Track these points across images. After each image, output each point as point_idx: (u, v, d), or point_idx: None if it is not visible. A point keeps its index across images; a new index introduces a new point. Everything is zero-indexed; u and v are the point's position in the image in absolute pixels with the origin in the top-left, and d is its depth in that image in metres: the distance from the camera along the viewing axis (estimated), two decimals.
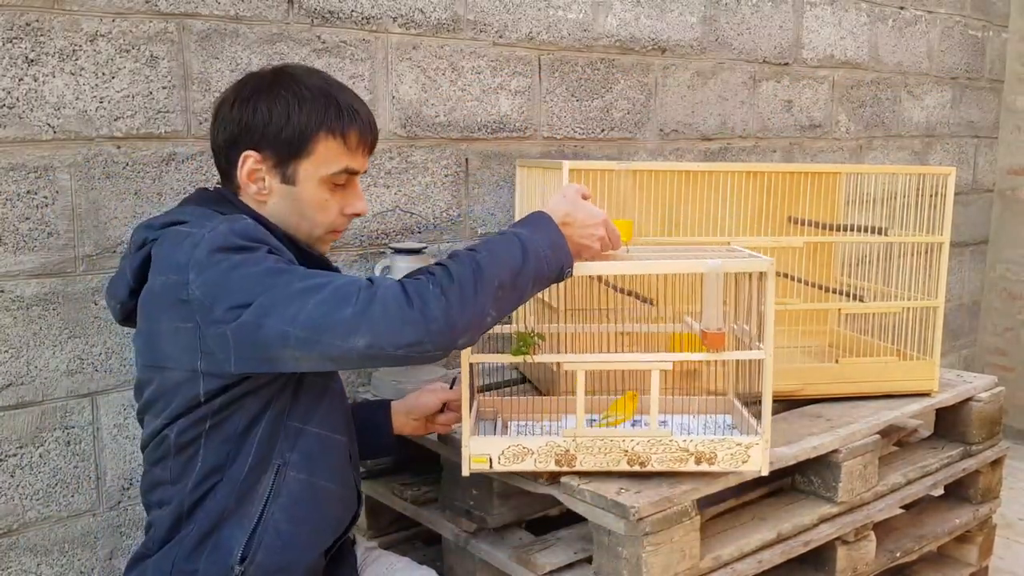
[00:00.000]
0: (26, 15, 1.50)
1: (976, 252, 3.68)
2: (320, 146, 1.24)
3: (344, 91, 1.29)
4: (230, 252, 1.12)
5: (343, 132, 1.25)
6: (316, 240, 1.31)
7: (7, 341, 1.55)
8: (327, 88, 1.27)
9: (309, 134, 1.23)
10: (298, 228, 1.29)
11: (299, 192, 1.26)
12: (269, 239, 1.17)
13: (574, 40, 2.26)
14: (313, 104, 1.24)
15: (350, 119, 1.25)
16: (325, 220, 1.29)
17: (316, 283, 1.10)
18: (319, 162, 1.25)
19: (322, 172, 1.26)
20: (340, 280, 1.11)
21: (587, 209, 1.29)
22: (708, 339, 1.40)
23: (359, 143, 1.27)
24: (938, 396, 1.93)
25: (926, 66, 3.26)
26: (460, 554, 1.61)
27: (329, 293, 1.08)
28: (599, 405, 1.61)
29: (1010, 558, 2.57)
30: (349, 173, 1.28)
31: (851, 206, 2.03)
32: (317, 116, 1.24)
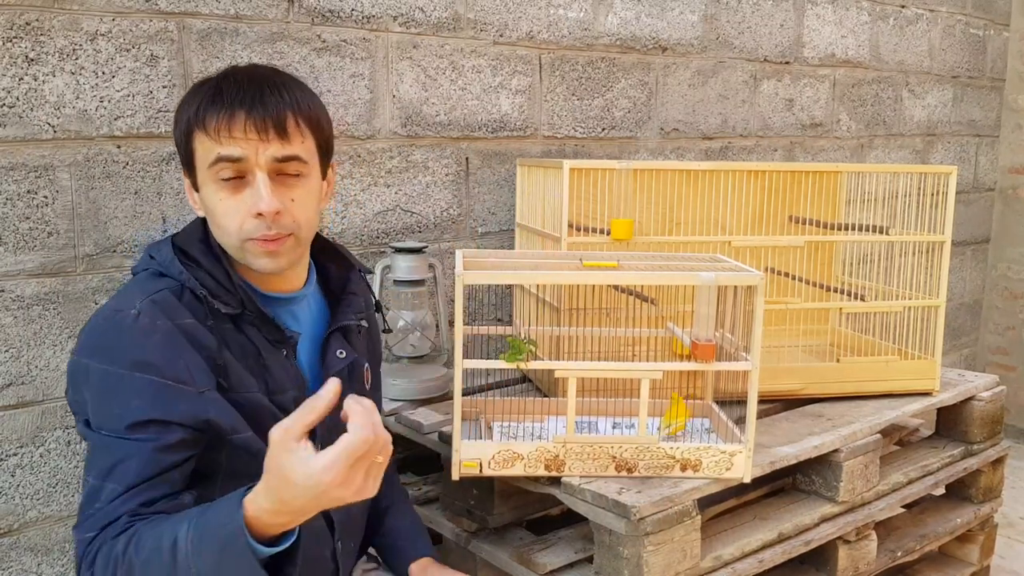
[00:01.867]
0: (26, 14, 1.50)
1: (977, 251, 3.68)
2: (196, 144, 1.14)
3: (231, 80, 1.14)
4: (80, 381, 1.12)
5: (203, 121, 1.12)
6: (240, 252, 1.16)
7: (7, 341, 1.55)
8: (211, 81, 1.16)
9: (186, 134, 1.15)
10: (223, 242, 1.17)
11: (204, 198, 1.16)
12: (118, 341, 1.09)
13: (575, 39, 2.26)
14: (187, 102, 1.16)
15: (207, 106, 1.12)
16: (231, 225, 1.13)
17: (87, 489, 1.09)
18: (200, 161, 1.14)
19: (203, 168, 1.14)
20: (89, 505, 1.08)
21: (299, 484, 0.94)
22: (698, 350, 1.45)
23: (219, 127, 1.11)
24: (939, 395, 1.92)
25: (927, 65, 3.26)
26: (461, 554, 1.61)
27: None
28: (589, 408, 1.62)
29: (1012, 557, 2.57)
30: (227, 162, 1.11)
31: (852, 205, 2.03)
32: (187, 115, 1.15)
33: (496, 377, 1.91)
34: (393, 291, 1.80)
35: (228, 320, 1.16)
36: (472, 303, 2.13)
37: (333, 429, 1.20)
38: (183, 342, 1.10)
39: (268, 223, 1.12)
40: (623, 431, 1.57)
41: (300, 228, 1.17)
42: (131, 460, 1.08)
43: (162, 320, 1.10)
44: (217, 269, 1.17)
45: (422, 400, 1.80)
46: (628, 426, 1.59)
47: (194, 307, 1.14)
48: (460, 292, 1.36)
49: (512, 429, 1.57)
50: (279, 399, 1.18)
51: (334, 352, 1.25)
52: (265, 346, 1.18)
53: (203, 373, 1.11)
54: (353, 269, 1.35)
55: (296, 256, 1.20)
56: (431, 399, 1.81)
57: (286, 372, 1.20)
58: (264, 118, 1.11)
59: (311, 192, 1.18)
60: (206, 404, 1.11)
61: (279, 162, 1.13)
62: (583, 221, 1.76)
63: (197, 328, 1.12)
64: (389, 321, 1.81)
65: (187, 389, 1.09)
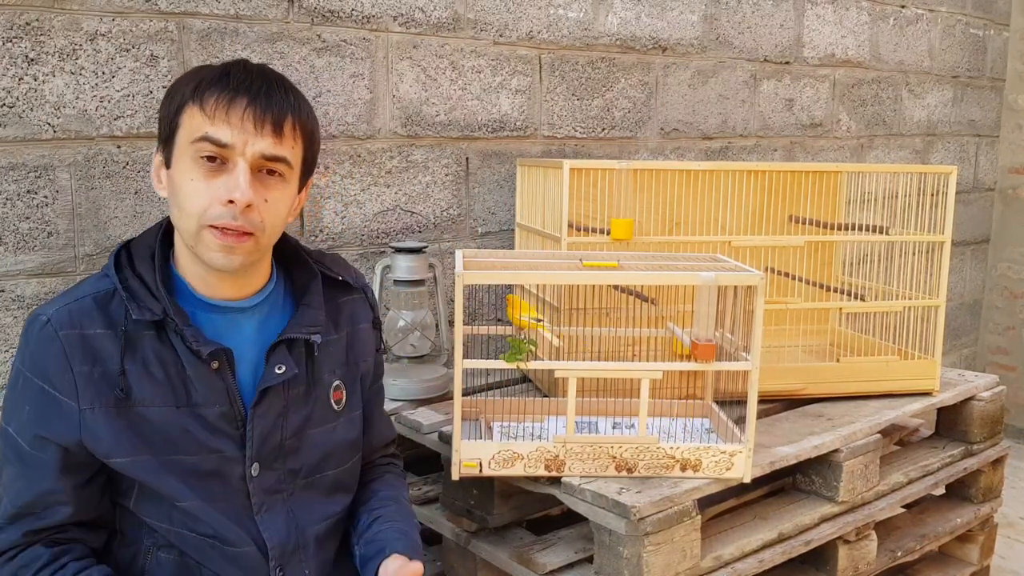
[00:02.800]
0: (26, 14, 1.50)
1: (977, 251, 3.68)
2: (184, 117, 1.09)
3: (241, 68, 1.12)
4: (10, 374, 1.13)
5: (201, 97, 1.08)
6: (195, 238, 1.09)
7: (7, 341, 1.54)
8: (218, 65, 1.13)
9: (178, 107, 1.10)
10: (179, 224, 1.11)
11: (173, 174, 1.10)
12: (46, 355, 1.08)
13: (575, 39, 2.26)
14: (187, 78, 1.12)
15: (210, 84, 1.08)
16: (193, 206, 1.07)
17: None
18: (184, 135, 1.09)
19: (185, 145, 1.09)
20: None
21: None
22: (698, 350, 1.44)
23: (217, 107, 1.07)
24: (939, 395, 1.92)
25: (927, 65, 3.26)
26: (461, 554, 1.61)
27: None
28: (589, 408, 1.62)
29: (1012, 557, 2.57)
30: (212, 143, 1.06)
31: (852, 205, 2.03)
32: (183, 89, 1.10)
33: (496, 377, 1.91)
34: (393, 291, 1.80)
35: (150, 327, 1.10)
36: (472, 303, 2.13)
37: (272, 452, 1.17)
38: (80, 354, 1.08)
39: (236, 213, 1.07)
40: (623, 431, 1.57)
41: (263, 231, 1.11)
42: (19, 474, 1.10)
43: (66, 331, 1.08)
44: (148, 273, 1.12)
45: (422, 400, 1.80)
46: (628, 426, 1.59)
47: (116, 312, 1.10)
48: (460, 292, 1.36)
49: (512, 429, 1.58)
50: (204, 412, 1.12)
51: (273, 367, 1.15)
52: (188, 356, 1.11)
53: (92, 388, 1.08)
54: (315, 278, 1.24)
55: (251, 260, 1.13)
56: (431, 399, 1.81)
57: (212, 385, 1.12)
58: (265, 111, 1.08)
59: (285, 198, 1.14)
60: (81, 423, 1.08)
61: (265, 159, 1.09)
62: (583, 221, 1.76)
63: (104, 338, 1.09)
64: (389, 321, 1.81)
65: (68, 404, 1.08)
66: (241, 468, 1.14)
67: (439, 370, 1.86)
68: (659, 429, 1.52)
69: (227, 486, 1.14)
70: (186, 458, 1.11)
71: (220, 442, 1.13)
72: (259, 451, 1.15)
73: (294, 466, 1.19)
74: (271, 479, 1.17)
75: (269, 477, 1.17)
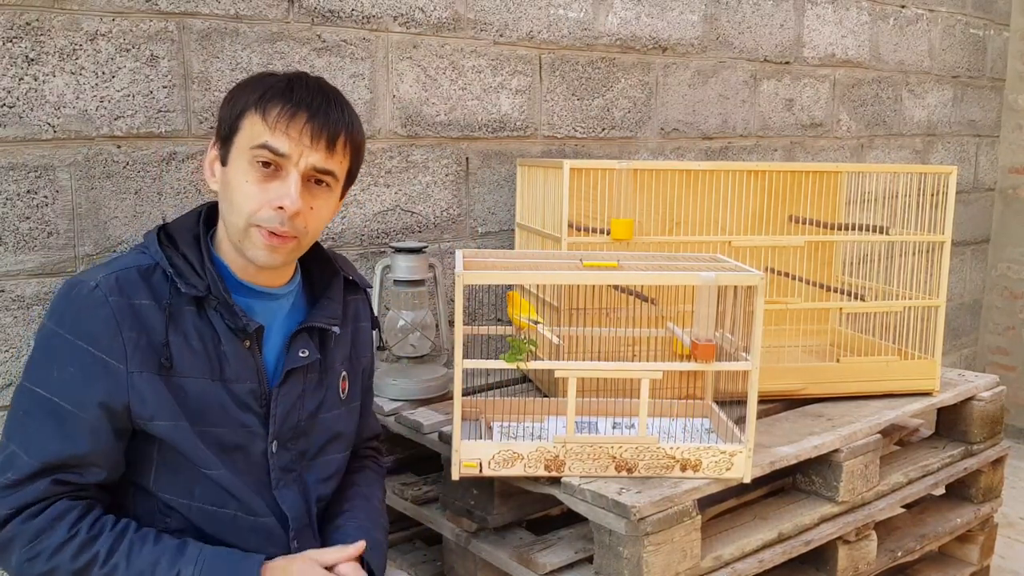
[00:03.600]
0: (26, 15, 1.50)
1: (977, 251, 3.68)
2: (246, 122, 1.17)
3: (303, 83, 1.19)
4: (39, 337, 1.17)
5: (264, 107, 1.16)
6: (242, 234, 1.17)
7: (7, 341, 1.55)
8: (281, 76, 1.20)
9: (240, 111, 1.18)
10: (227, 219, 1.19)
11: (228, 172, 1.19)
12: (87, 316, 1.13)
13: (575, 39, 2.26)
14: (252, 85, 1.19)
15: (274, 95, 1.16)
16: (245, 206, 1.15)
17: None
18: (243, 139, 1.17)
19: (242, 147, 1.17)
20: (9, 454, 1.12)
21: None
22: (698, 350, 1.44)
23: (279, 119, 1.15)
24: (939, 395, 1.92)
25: (927, 65, 3.26)
26: (461, 554, 1.61)
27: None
28: (589, 408, 1.62)
29: (1012, 557, 2.57)
30: (270, 152, 1.14)
31: (852, 205, 2.03)
32: (252, 94, 1.18)
33: (496, 377, 1.91)
34: (393, 291, 1.80)
35: (192, 302, 1.17)
36: (472, 303, 2.13)
37: (290, 431, 1.25)
38: (129, 321, 1.13)
39: (284, 219, 1.15)
40: (623, 431, 1.57)
41: (306, 235, 1.20)
42: (53, 432, 1.12)
43: (115, 297, 1.13)
44: (193, 252, 1.19)
45: (422, 400, 1.80)
46: (628, 426, 1.59)
47: (159, 286, 1.16)
48: (460, 292, 1.36)
49: (512, 429, 1.58)
50: (235, 387, 1.19)
51: (297, 350, 1.24)
52: (226, 333, 1.19)
53: (140, 353, 1.13)
54: (336, 275, 1.34)
55: (291, 259, 1.24)
56: (431, 399, 1.81)
57: (244, 362, 1.20)
58: (323, 127, 1.16)
59: (329, 206, 1.23)
60: (129, 385, 1.13)
61: (316, 171, 1.18)
62: (583, 221, 1.76)
63: (150, 309, 1.15)
64: (389, 321, 1.81)
65: (117, 367, 1.12)
66: (264, 444, 1.22)
67: (439, 370, 1.86)
68: (659, 429, 1.52)
69: (249, 460, 1.22)
70: (216, 429, 1.18)
71: (247, 417, 1.21)
72: (279, 429, 1.24)
73: (304, 447, 1.28)
74: (286, 458, 1.25)
75: (284, 456, 1.25)
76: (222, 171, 1.20)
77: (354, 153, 1.23)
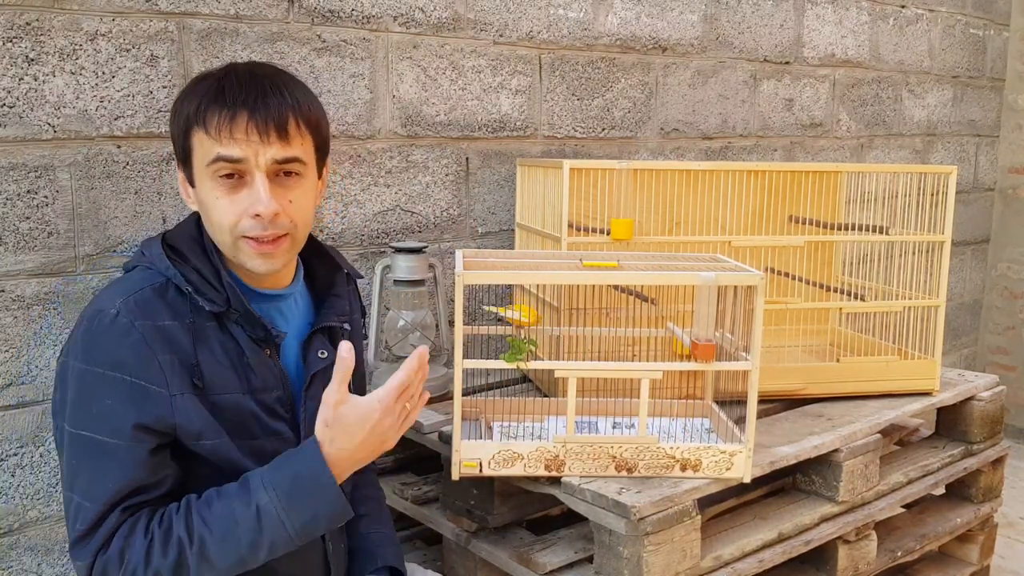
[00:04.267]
0: (26, 15, 1.50)
1: (977, 251, 3.68)
2: (194, 140, 1.14)
3: (233, 79, 1.14)
4: (64, 380, 1.12)
5: (204, 120, 1.12)
6: (232, 249, 1.16)
7: (8, 341, 1.55)
8: (212, 79, 1.16)
9: (184, 131, 1.15)
10: (215, 238, 1.17)
11: (199, 192, 1.16)
12: (113, 340, 1.10)
13: (575, 39, 2.26)
14: (187, 97, 1.15)
15: (209, 104, 1.12)
16: (223, 222, 1.13)
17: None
18: (198, 157, 1.14)
19: (200, 166, 1.14)
20: (76, 506, 1.10)
21: (355, 424, 1.13)
22: (698, 350, 1.44)
23: (220, 127, 1.11)
24: (939, 395, 1.92)
25: (927, 65, 3.26)
26: (461, 554, 1.61)
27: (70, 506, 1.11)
28: (589, 408, 1.62)
29: (1012, 557, 2.57)
30: (227, 162, 1.11)
31: (852, 205, 2.03)
32: (187, 111, 1.14)
33: (496, 377, 1.91)
34: (393, 291, 1.80)
35: (212, 318, 1.15)
36: (472, 303, 2.13)
37: (314, 424, 1.21)
38: (160, 343, 1.10)
39: (264, 224, 1.13)
40: (623, 431, 1.57)
41: (296, 228, 1.17)
42: (107, 470, 1.09)
43: (140, 320, 1.10)
44: (205, 265, 1.17)
45: None
46: (628, 426, 1.59)
47: (177, 304, 1.14)
48: (460, 292, 1.36)
49: (512, 429, 1.58)
50: (263, 398, 1.19)
51: (316, 352, 1.25)
52: (248, 345, 1.18)
53: (177, 376, 1.11)
54: (339, 271, 1.34)
55: (290, 257, 1.21)
56: (431, 399, 1.81)
57: (270, 371, 1.19)
58: (266, 119, 1.12)
59: (308, 192, 1.19)
60: (174, 408, 1.11)
61: (279, 163, 1.14)
62: (583, 221, 1.76)
63: (175, 329, 1.12)
64: (389, 321, 1.81)
65: (159, 391, 1.10)
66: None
67: (439, 370, 1.86)
68: (659, 429, 1.52)
69: None
70: (253, 441, 1.18)
71: (278, 424, 1.21)
72: (309, 432, 1.22)
73: None
74: None
75: None
76: (194, 191, 1.18)
77: (312, 129, 1.18)
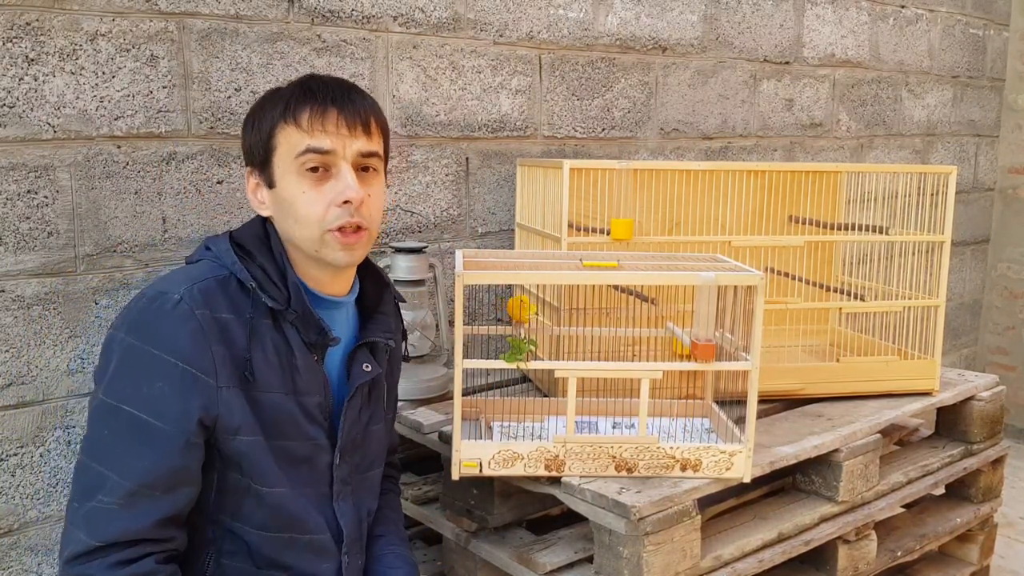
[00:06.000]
0: (26, 15, 1.50)
1: (977, 251, 3.68)
2: (280, 137, 1.18)
3: (319, 81, 1.21)
4: (111, 351, 1.14)
5: (294, 114, 1.17)
6: (318, 243, 1.18)
7: (8, 341, 1.55)
8: (294, 84, 1.22)
9: (269, 131, 1.19)
10: (296, 235, 1.20)
11: (280, 192, 1.19)
12: (167, 323, 1.11)
13: (575, 39, 2.26)
14: (272, 101, 1.20)
15: (298, 101, 1.17)
16: (312, 215, 1.17)
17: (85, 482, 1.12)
18: (284, 154, 1.18)
19: (288, 162, 1.18)
20: (98, 476, 1.11)
21: None
22: (698, 350, 1.45)
23: (312, 120, 1.16)
24: (939, 395, 1.92)
25: (927, 65, 3.26)
26: (461, 554, 1.61)
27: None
28: (589, 408, 1.62)
29: (1011, 557, 2.57)
30: (316, 153, 1.16)
31: (852, 205, 2.03)
32: (273, 111, 1.19)
33: (496, 377, 1.91)
34: None
35: (268, 316, 1.18)
36: (472, 303, 2.13)
37: (351, 444, 1.25)
38: (216, 334, 1.12)
39: (352, 210, 1.17)
40: (623, 431, 1.57)
41: (373, 223, 1.21)
42: (145, 449, 1.10)
43: (201, 310, 1.12)
44: (271, 264, 1.20)
45: (422, 400, 1.80)
46: (628, 426, 1.59)
47: (238, 299, 1.16)
48: (460, 292, 1.36)
49: (512, 429, 1.58)
50: (304, 401, 1.20)
51: (360, 365, 1.26)
52: (299, 347, 1.20)
53: (227, 368, 1.13)
54: (387, 288, 1.36)
55: (367, 251, 1.24)
56: (431, 399, 1.81)
57: (315, 376, 1.22)
58: (354, 115, 1.18)
59: (381, 190, 1.24)
60: (219, 399, 1.12)
61: (363, 157, 1.19)
62: (583, 221, 1.76)
63: (233, 323, 1.15)
64: None
65: (208, 381, 1.12)
66: (329, 456, 1.25)
67: (439, 370, 1.86)
68: (659, 429, 1.52)
69: (315, 472, 1.24)
70: (288, 443, 1.19)
71: (314, 430, 1.22)
72: (344, 442, 1.25)
73: (358, 460, 1.30)
74: (345, 470, 1.27)
75: (344, 468, 1.27)
76: (271, 194, 1.20)
77: (384, 132, 1.25)
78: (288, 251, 1.22)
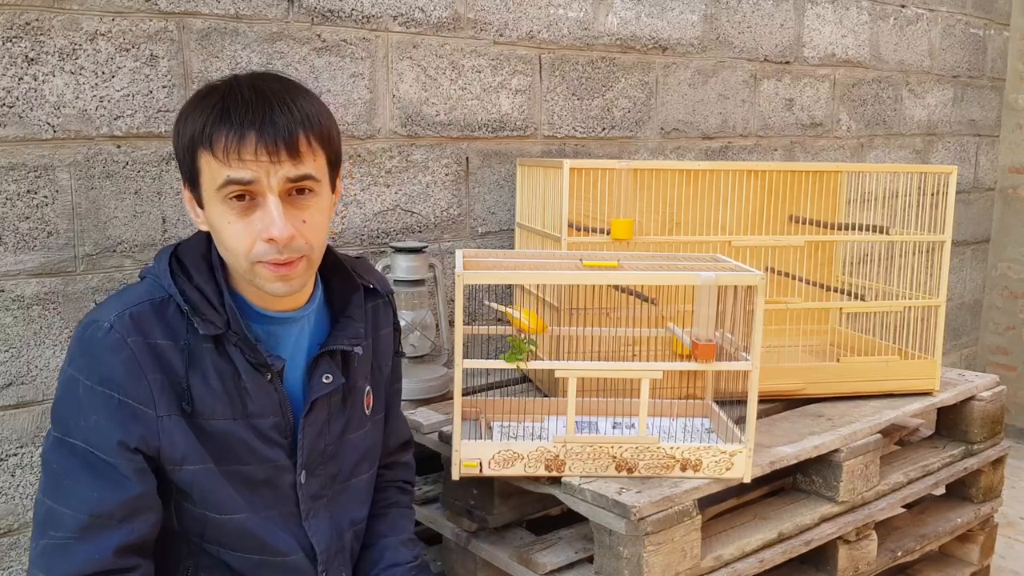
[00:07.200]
0: (26, 14, 1.50)
1: (977, 251, 3.68)
2: (201, 163, 1.07)
3: (238, 96, 1.07)
4: (59, 382, 1.10)
5: (210, 142, 1.05)
6: (250, 274, 1.10)
7: (7, 341, 1.55)
8: (216, 96, 1.08)
9: (192, 154, 1.08)
10: (229, 261, 1.12)
11: (208, 214, 1.10)
12: (104, 356, 1.06)
13: (575, 39, 2.26)
14: (192, 114, 1.09)
15: (214, 125, 1.05)
16: (238, 247, 1.07)
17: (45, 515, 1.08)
18: (206, 181, 1.08)
19: (209, 190, 1.08)
20: (43, 532, 1.06)
21: None
22: (698, 350, 1.44)
23: (228, 150, 1.04)
24: (939, 395, 1.92)
25: (927, 64, 3.26)
26: (461, 554, 1.61)
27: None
28: (589, 408, 1.62)
29: (1012, 557, 2.57)
30: (236, 184, 1.05)
31: (852, 205, 2.03)
32: (192, 131, 1.08)
33: (496, 377, 1.91)
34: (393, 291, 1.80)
35: (209, 339, 1.11)
36: (472, 303, 2.13)
37: (318, 458, 1.20)
38: (151, 362, 1.07)
39: (279, 248, 1.07)
40: (623, 431, 1.57)
41: (312, 250, 1.12)
42: (93, 481, 1.06)
43: (133, 337, 1.07)
44: (209, 285, 1.12)
45: (422, 400, 1.80)
46: (628, 426, 1.59)
47: (175, 323, 1.10)
48: (460, 292, 1.36)
49: (512, 429, 1.58)
50: (257, 424, 1.14)
51: (319, 377, 1.19)
52: (247, 369, 1.13)
53: (165, 397, 1.08)
54: (357, 290, 1.26)
55: (308, 277, 1.16)
56: (431, 399, 1.81)
57: (268, 396, 1.15)
58: (275, 139, 1.05)
59: (322, 210, 1.13)
60: (159, 430, 1.08)
61: (291, 182, 1.08)
62: (583, 221, 1.76)
63: (168, 349, 1.09)
64: None
65: (146, 412, 1.07)
66: (292, 476, 1.18)
67: (439, 370, 1.86)
68: (659, 429, 1.52)
69: (278, 494, 1.18)
70: (242, 468, 1.14)
71: (272, 452, 1.16)
72: (307, 459, 1.19)
73: (333, 471, 1.23)
74: (315, 485, 1.21)
75: (313, 483, 1.21)
76: (204, 214, 1.12)
77: (324, 144, 1.11)
78: (229, 268, 1.14)
